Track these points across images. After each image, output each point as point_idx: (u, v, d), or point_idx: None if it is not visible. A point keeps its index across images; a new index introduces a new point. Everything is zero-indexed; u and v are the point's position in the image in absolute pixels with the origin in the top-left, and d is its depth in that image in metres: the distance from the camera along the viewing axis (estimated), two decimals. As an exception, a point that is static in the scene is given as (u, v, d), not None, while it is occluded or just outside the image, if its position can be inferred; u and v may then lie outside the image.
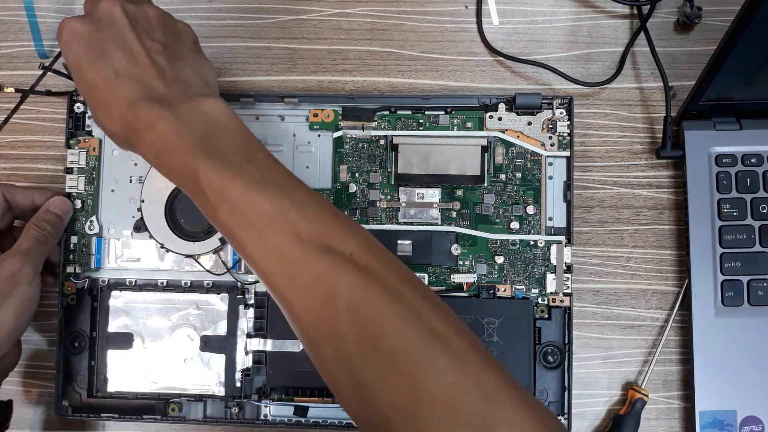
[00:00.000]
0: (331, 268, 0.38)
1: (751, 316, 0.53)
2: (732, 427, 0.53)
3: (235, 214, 0.40)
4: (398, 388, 0.36)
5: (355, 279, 0.38)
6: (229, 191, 0.40)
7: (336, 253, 0.39)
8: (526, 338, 0.53)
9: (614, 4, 0.59)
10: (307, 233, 0.39)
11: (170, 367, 0.55)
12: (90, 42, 0.45)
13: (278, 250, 0.39)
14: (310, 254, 0.38)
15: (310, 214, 0.40)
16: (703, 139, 0.55)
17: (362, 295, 0.38)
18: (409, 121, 0.57)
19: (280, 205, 0.39)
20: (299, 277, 0.38)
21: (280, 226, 0.39)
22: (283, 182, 0.41)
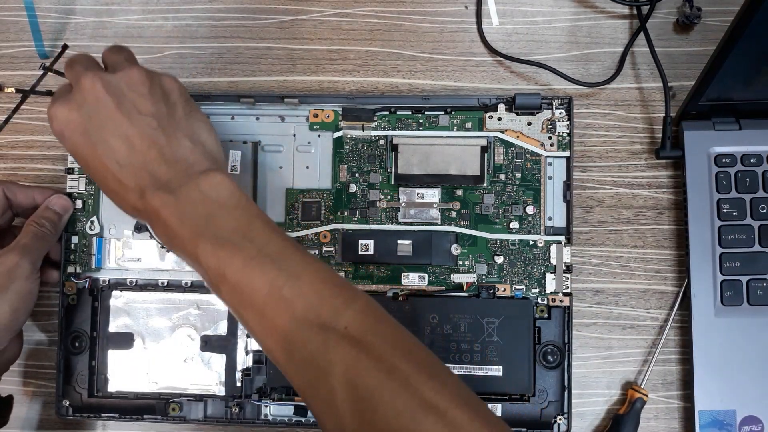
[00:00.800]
0: (324, 345, 0.39)
1: (751, 316, 0.53)
2: (731, 426, 0.53)
3: (235, 294, 0.41)
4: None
5: (348, 356, 0.39)
6: (227, 271, 0.41)
7: (330, 330, 0.40)
8: (526, 338, 0.53)
9: (614, 5, 0.59)
10: (301, 310, 0.40)
11: (171, 367, 0.55)
12: (84, 131, 0.45)
13: (275, 328, 0.40)
14: (305, 333, 0.40)
15: (304, 287, 0.41)
16: (703, 139, 0.55)
17: (355, 371, 0.39)
18: (409, 121, 0.57)
19: (274, 281, 0.41)
20: (296, 353, 0.40)
21: (276, 304, 0.40)
22: (279, 254, 0.42)
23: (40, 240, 0.53)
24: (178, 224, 0.43)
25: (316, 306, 0.40)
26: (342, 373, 0.39)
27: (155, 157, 0.44)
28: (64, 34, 0.61)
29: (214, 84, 0.60)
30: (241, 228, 0.43)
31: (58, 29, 0.61)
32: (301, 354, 0.40)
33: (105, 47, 0.50)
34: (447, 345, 0.53)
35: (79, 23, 0.61)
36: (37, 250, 0.52)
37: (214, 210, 0.43)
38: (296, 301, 0.40)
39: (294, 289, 0.40)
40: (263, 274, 0.41)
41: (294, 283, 0.41)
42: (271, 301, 0.40)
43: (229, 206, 0.44)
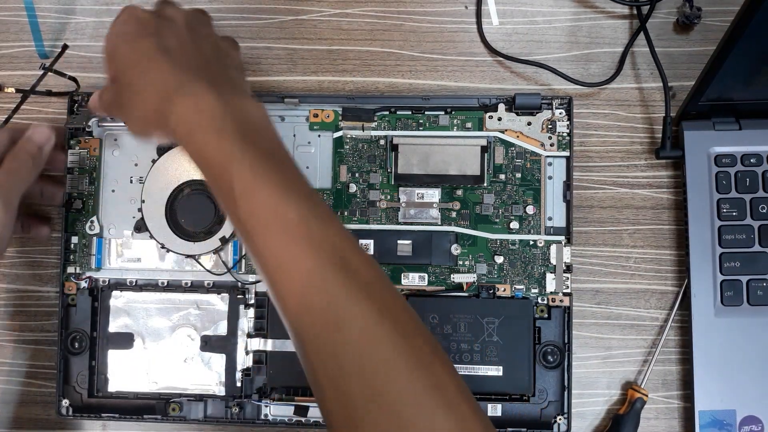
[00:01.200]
0: (346, 295, 0.37)
1: (751, 316, 0.53)
2: (731, 426, 0.53)
3: (257, 214, 0.39)
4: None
5: (369, 312, 0.37)
6: (258, 188, 0.39)
7: (354, 279, 0.37)
8: (526, 338, 0.53)
9: (614, 5, 0.59)
10: (328, 251, 0.38)
11: (171, 367, 0.55)
12: (147, 23, 0.46)
13: (295, 262, 0.38)
14: (328, 274, 0.37)
15: (332, 231, 0.39)
16: (703, 139, 0.55)
17: (374, 331, 0.36)
18: (409, 121, 0.57)
19: (305, 216, 0.38)
20: (311, 296, 0.37)
21: (302, 237, 0.38)
22: (308, 193, 0.40)
23: (16, 175, 0.49)
24: (218, 119, 0.40)
25: (343, 252, 0.38)
26: (358, 331, 0.36)
27: (202, 60, 0.45)
28: (64, 34, 0.61)
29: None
30: (277, 155, 0.41)
31: (58, 29, 0.61)
32: (316, 298, 0.37)
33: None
34: (447, 345, 0.53)
35: (79, 23, 0.61)
36: (12, 188, 0.49)
37: (255, 127, 0.42)
38: (324, 241, 0.38)
39: (324, 229, 0.38)
40: (296, 205, 0.38)
41: (323, 222, 0.39)
42: (296, 231, 0.38)
43: (268, 131, 0.42)
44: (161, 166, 0.56)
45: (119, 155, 0.57)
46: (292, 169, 0.42)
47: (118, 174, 0.57)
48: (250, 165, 0.39)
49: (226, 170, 0.40)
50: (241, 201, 0.39)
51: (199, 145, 0.41)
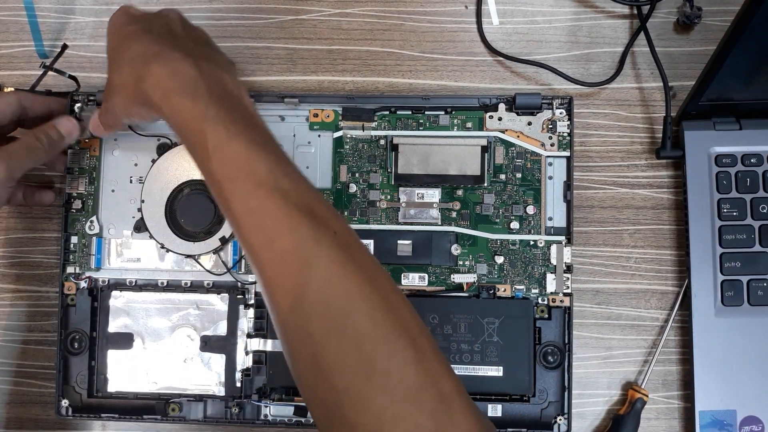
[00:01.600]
0: (314, 237, 0.38)
1: (751, 316, 0.53)
2: (732, 426, 0.53)
3: (228, 166, 0.40)
4: (357, 370, 0.36)
5: (335, 254, 0.38)
6: (230, 144, 0.40)
7: (321, 226, 0.39)
8: (526, 338, 0.53)
9: (614, 4, 0.59)
10: (296, 201, 0.39)
11: (170, 367, 0.55)
12: (139, 17, 0.48)
13: (263, 208, 0.39)
14: (295, 219, 0.38)
15: (301, 186, 0.40)
16: (703, 139, 0.55)
17: (340, 271, 0.37)
18: (409, 121, 0.57)
19: (275, 170, 0.40)
20: (279, 240, 0.38)
21: (271, 187, 0.39)
22: (280, 154, 0.42)
23: (30, 152, 0.51)
24: (192, 81, 0.43)
25: (311, 204, 0.39)
26: (324, 270, 0.37)
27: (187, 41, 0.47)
28: (64, 34, 0.61)
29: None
30: (251, 119, 0.43)
31: (58, 29, 0.61)
32: (283, 241, 0.38)
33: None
34: (447, 345, 0.53)
35: (79, 23, 0.61)
36: (22, 161, 0.51)
37: (229, 94, 0.44)
38: (292, 192, 0.39)
39: (293, 184, 0.40)
40: (266, 160, 0.40)
41: (293, 179, 0.40)
42: (266, 183, 0.39)
43: (242, 99, 0.45)
44: (161, 166, 0.56)
45: (119, 155, 0.57)
46: (265, 132, 0.43)
47: (118, 174, 0.57)
48: (223, 123, 0.41)
49: (200, 128, 0.41)
50: (214, 156, 0.41)
51: (174, 107, 0.43)
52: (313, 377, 0.37)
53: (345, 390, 0.36)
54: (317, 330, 0.37)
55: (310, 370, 0.37)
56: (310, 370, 0.37)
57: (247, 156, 0.40)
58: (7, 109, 0.53)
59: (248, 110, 0.44)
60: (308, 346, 0.37)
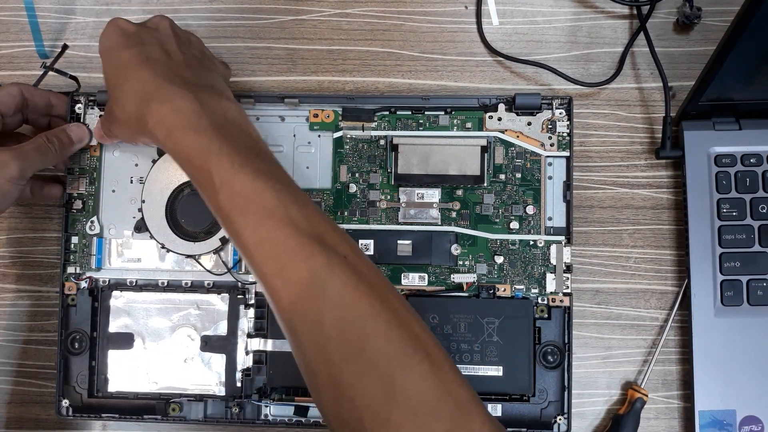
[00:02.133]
0: (326, 264, 0.39)
1: (751, 316, 0.53)
2: (731, 426, 0.53)
3: (236, 200, 0.41)
4: (376, 389, 0.37)
5: (347, 278, 0.39)
6: (237, 177, 0.41)
7: (331, 252, 0.40)
8: (526, 338, 0.53)
9: (614, 5, 0.59)
10: (306, 228, 0.40)
11: (171, 367, 0.55)
12: (131, 34, 0.48)
13: (274, 239, 0.40)
14: (306, 248, 0.39)
15: (309, 213, 0.41)
16: (703, 139, 0.55)
17: (353, 294, 0.39)
18: (409, 121, 0.57)
19: (283, 200, 0.41)
20: (291, 268, 0.39)
21: (281, 217, 0.40)
22: (287, 182, 0.43)
23: (41, 153, 0.52)
24: (194, 116, 0.43)
25: (320, 231, 0.40)
26: (337, 294, 0.38)
27: (184, 67, 0.48)
28: (64, 34, 0.61)
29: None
30: (255, 148, 0.44)
31: (58, 29, 0.61)
32: (296, 269, 0.39)
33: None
34: (447, 345, 0.53)
35: (79, 23, 0.61)
36: (33, 161, 0.52)
37: (231, 123, 0.44)
38: (301, 221, 0.40)
39: (301, 211, 0.41)
40: (273, 190, 0.41)
41: (301, 207, 0.41)
42: (275, 214, 0.40)
43: (244, 128, 0.45)
44: (161, 166, 0.56)
45: (119, 155, 0.57)
46: (270, 160, 0.44)
47: (118, 174, 0.57)
48: (228, 156, 0.42)
49: (205, 163, 0.42)
50: (221, 190, 0.42)
51: (178, 143, 0.43)
52: (333, 397, 0.38)
53: (365, 407, 0.37)
54: (335, 353, 0.38)
55: (330, 391, 0.38)
56: (329, 391, 0.38)
57: (254, 187, 0.41)
58: (10, 101, 0.54)
59: (251, 138, 0.45)
60: (327, 368, 0.38)
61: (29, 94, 0.55)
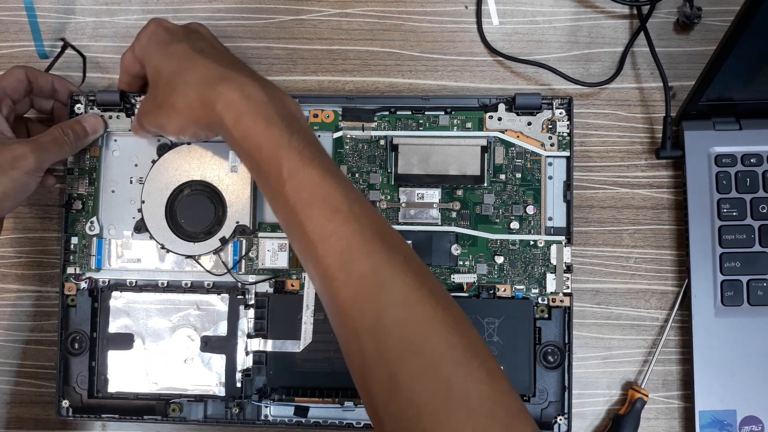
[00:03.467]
0: (388, 262, 0.40)
1: (751, 316, 0.53)
2: (732, 426, 0.53)
3: (304, 193, 0.42)
4: (436, 389, 0.37)
5: (409, 279, 0.40)
6: (305, 170, 0.42)
7: (393, 251, 0.41)
8: (526, 338, 0.53)
9: (614, 5, 0.59)
10: (369, 226, 0.41)
11: (171, 368, 0.55)
12: (176, 31, 0.50)
13: (339, 233, 0.41)
14: (370, 245, 0.40)
15: (370, 212, 0.42)
16: (703, 139, 0.55)
17: (415, 295, 0.39)
18: (409, 121, 0.57)
19: (348, 196, 0.42)
20: (355, 264, 0.40)
21: (347, 213, 0.41)
22: (348, 181, 0.44)
23: (57, 145, 0.53)
24: (263, 105, 0.44)
25: (381, 230, 0.42)
26: (400, 293, 0.39)
27: (236, 61, 0.50)
28: (64, 34, 0.61)
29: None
30: (315, 141, 0.45)
31: (58, 29, 0.61)
32: (359, 264, 0.40)
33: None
34: (447, 345, 0.53)
35: (79, 23, 0.61)
36: (50, 153, 0.52)
37: (294, 117, 0.45)
38: (364, 219, 0.41)
39: (363, 209, 0.42)
40: (340, 187, 0.42)
41: (363, 205, 0.42)
42: (342, 210, 0.41)
43: (304, 122, 0.47)
44: (161, 166, 0.56)
45: (119, 155, 0.57)
46: (330, 158, 0.45)
47: (118, 174, 0.57)
48: (296, 149, 0.43)
49: (275, 153, 0.43)
50: (289, 181, 0.42)
51: (247, 131, 0.44)
52: (389, 394, 0.38)
53: (424, 406, 0.37)
54: (394, 349, 0.38)
55: (387, 388, 0.38)
56: (386, 388, 0.38)
57: (321, 182, 0.42)
58: (18, 86, 0.54)
59: (312, 135, 0.46)
60: (385, 365, 0.39)
61: (34, 77, 0.55)
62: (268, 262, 0.55)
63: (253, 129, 0.44)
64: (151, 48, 0.50)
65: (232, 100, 0.44)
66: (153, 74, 0.49)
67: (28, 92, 0.56)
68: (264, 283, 0.56)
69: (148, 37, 0.50)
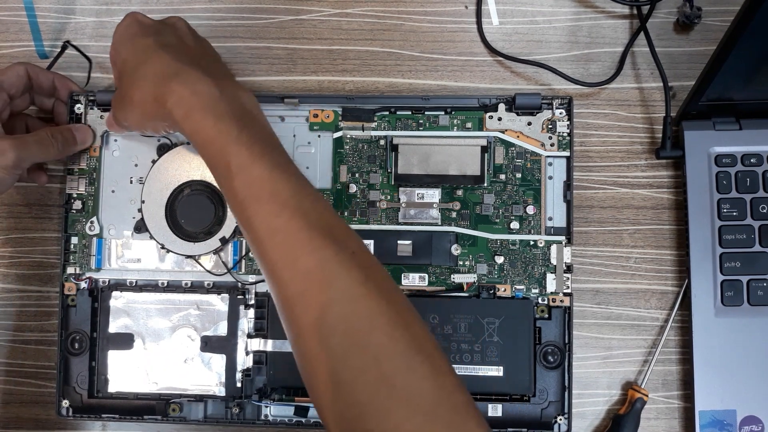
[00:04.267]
0: (335, 257, 0.39)
1: (751, 316, 0.53)
2: (732, 426, 0.53)
3: (252, 188, 0.42)
4: (378, 386, 0.37)
5: (355, 274, 0.39)
6: (254, 165, 0.42)
7: (341, 246, 0.40)
8: (526, 338, 0.53)
9: (614, 4, 0.59)
10: (317, 222, 0.41)
11: (171, 368, 0.55)
12: (148, 26, 0.50)
13: (286, 229, 0.40)
14: (317, 241, 0.40)
15: (321, 207, 0.42)
16: (703, 139, 0.55)
17: (359, 291, 0.39)
18: (409, 121, 0.57)
19: (298, 192, 0.41)
20: (302, 259, 0.40)
21: (294, 209, 0.41)
22: (300, 175, 0.43)
23: (42, 147, 0.53)
24: (213, 101, 0.44)
25: (331, 225, 0.41)
26: (344, 289, 0.39)
27: (200, 55, 0.50)
28: (64, 34, 0.61)
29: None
30: (270, 139, 0.45)
31: (58, 29, 0.61)
32: (305, 261, 0.39)
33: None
34: (447, 345, 0.53)
35: (79, 23, 0.61)
36: (32, 153, 0.52)
37: (248, 113, 0.45)
38: (313, 214, 0.41)
39: (313, 205, 0.41)
40: (289, 182, 0.42)
41: (313, 201, 0.42)
42: (289, 205, 0.41)
43: (260, 118, 0.46)
44: (161, 166, 0.56)
45: (119, 155, 0.57)
46: (283, 153, 0.45)
47: (118, 174, 0.57)
48: (246, 144, 0.42)
49: (223, 148, 0.43)
50: (238, 176, 0.42)
51: (197, 125, 0.44)
52: (332, 393, 0.38)
53: (366, 403, 0.37)
54: (337, 346, 0.38)
55: (330, 386, 0.38)
56: (329, 386, 0.38)
57: (270, 177, 0.42)
58: (18, 82, 0.54)
59: (266, 129, 0.46)
60: (328, 361, 0.38)
61: (35, 74, 0.55)
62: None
63: (201, 123, 0.44)
64: (122, 41, 0.50)
65: (181, 96, 0.44)
66: (120, 67, 0.50)
67: (28, 89, 0.56)
68: (264, 283, 0.56)
69: (122, 30, 0.50)
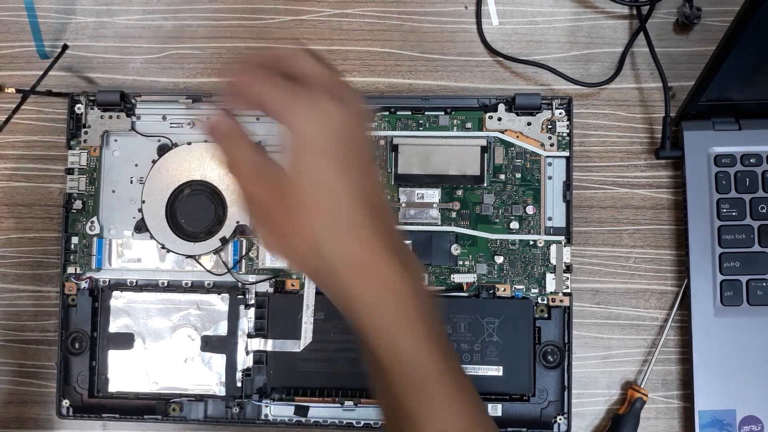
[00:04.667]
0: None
1: (750, 316, 0.54)
2: (731, 426, 0.53)
3: (418, 395, 0.35)
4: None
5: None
6: (429, 370, 0.35)
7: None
8: (526, 338, 0.54)
9: (614, 5, 0.59)
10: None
11: (171, 368, 0.55)
12: (338, 148, 0.35)
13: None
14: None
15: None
16: (702, 139, 0.55)
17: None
18: (409, 121, 0.57)
19: (471, 417, 0.36)
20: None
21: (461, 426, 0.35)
22: (473, 390, 0.37)
23: None
24: (415, 320, 0.35)
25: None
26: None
27: (383, 215, 0.35)
28: (64, 34, 0.61)
29: (215, 84, 0.60)
30: (444, 341, 0.36)
31: (58, 29, 0.61)
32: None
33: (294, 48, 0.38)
34: (447, 345, 0.53)
35: (79, 23, 0.61)
36: None
37: (433, 317, 0.36)
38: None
39: None
40: (467, 406, 0.36)
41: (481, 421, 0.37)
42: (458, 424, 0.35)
43: (434, 314, 0.37)
44: (161, 166, 0.56)
45: (119, 155, 0.57)
46: (462, 372, 0.38)
47: (118, 174, 0.57)
48: (425, 345, 0.35)
49: (394, 347, 0.35)
50: (397, 376, 0.35)
51: (384, 337, 0.35)
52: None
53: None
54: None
55: None
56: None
57: (443, 394, 0.35)
58: None
59: (437, 320, 0.37)
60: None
61: None
62: (268, 261, 0.56)
63: (405, 345, 0.35)
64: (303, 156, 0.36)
65: (375, 302, 0.34)
66: (293, 176, 0.36)
67: None
68: (264, 283, 0.56)
69: (317, 117, 0.36)
